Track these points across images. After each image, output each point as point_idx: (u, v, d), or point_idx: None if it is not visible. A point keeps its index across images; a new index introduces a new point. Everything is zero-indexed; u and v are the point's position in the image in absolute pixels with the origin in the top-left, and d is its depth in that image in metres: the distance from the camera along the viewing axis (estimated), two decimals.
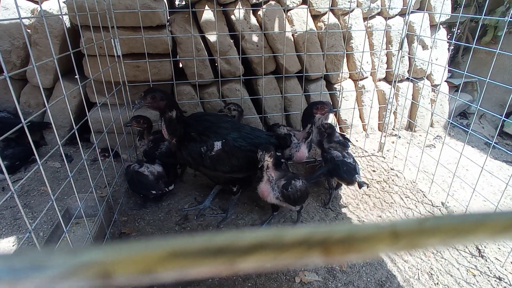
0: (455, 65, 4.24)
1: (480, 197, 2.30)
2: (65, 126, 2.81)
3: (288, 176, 1.90)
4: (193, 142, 1.88)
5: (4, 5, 2.49)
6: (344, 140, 2.51)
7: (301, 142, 2.24)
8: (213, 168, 1.92)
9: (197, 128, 1.92)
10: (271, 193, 1.86)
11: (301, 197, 1.89)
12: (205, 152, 1.86)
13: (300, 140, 2.24)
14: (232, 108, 2.52)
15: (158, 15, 2.42)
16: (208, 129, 1.91)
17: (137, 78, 2.61)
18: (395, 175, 2.60)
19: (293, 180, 1.84)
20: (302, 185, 1.87)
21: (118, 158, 2.24)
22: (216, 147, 1.87)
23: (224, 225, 2.03)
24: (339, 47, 2.89)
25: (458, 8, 4.03)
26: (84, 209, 1.64)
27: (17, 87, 2.77)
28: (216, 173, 1.98)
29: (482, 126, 3.69)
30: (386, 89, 3.16)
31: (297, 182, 1.85)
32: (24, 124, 1.07)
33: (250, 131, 2.06)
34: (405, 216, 2.14)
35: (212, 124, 1.96)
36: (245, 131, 2.02)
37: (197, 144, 1.87)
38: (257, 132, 2.12)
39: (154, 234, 1.94)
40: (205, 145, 1.86)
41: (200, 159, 1.88)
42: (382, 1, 2.92)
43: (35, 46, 2.53)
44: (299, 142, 2.24)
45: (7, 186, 2.32)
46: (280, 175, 1.89)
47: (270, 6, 2.64)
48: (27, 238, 1.81)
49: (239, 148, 1.92)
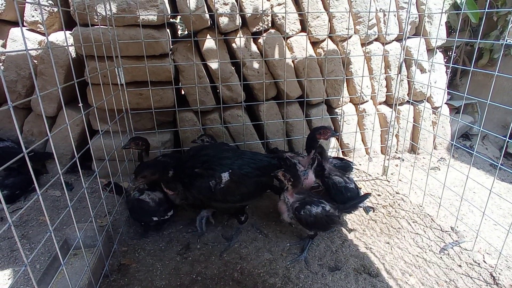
0: (454, 88, 4.29)
1: (490, 221, 2.24)
2: (67, 154, 2.81)
3: (307, 200, 1.91)
4: (200, 179, 1.84)
5: (12, 37, 2.56)
6: (346, 164, 2.50)
7: (307, 169, 2.22)
8: (224, 201, 1.88)
9: (199, 163, 1.89)
10: (286, 213, 1.94)
11: (316, 223, 1.86)
12: (215, 186, 1.82)
13: (306, 167, 2.22)
14: (205, 140, 2.50)
15: (161, 45, 2.48)
16: (211, 162, 1.89)
17: (140, 105, 2.64)
18: (401, 199, 2.55)
19: (308, 205, 1.87)
20: (320, 212, 1.86)
21: (119, 190, 2.22)
22: (225, 179, 1.83)
23: (227, 254, 1.96)
24: (338, 72, 2.94)
25: (452, 32, 4.14)
26: (83, 239, 1.60)
27: (21, 116, 2.79)
28: (227, 204, 1.95)
29: (486, 147, 3.66)
30: (387, 112, 3.18)
31: (313, 208, 1.86)
32: (25, 154, 1.06)
33: (252, 156, 2.04)
34: (414, 242, 2.07)
35: (213, 157, 1.93)
36: (247, 157, 2.00)
37: (204, 179, 1.83)
38: (259, 156, 2.10)
39: (155, 265, 1.87)
40: (213, 179, 1.83)
41: (211, 193, 1.83)
42: (379, 27, 3.00)
43: (40, 76, 2.58)
44: (306, 169, 2.21)
45: (5, 216, 2.28)
46: (300, 198, 1.93)
47: (270, 34, 2.71)
48: (23, 272, 1.75)
49: (246, 175, 1.90)
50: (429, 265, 1.88)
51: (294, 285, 1.74)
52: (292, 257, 1.93)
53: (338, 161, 2.52)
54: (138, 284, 1.73)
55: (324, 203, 1.92)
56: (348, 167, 2.49)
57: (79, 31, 1.89)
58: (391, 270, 1.84)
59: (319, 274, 1.82)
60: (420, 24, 3.15)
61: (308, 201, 1.91)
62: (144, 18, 2.39)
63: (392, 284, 1.74)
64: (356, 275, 1.81)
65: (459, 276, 1.81)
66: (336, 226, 2.08)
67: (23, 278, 1.76)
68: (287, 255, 1.96)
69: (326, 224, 1.90)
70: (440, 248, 2.02)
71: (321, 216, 1.86)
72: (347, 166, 2.49)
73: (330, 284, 1.75)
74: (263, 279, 1.78)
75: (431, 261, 1.91)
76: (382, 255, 1.96)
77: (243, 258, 1.92)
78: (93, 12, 2.33)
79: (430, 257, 1.94)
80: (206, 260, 1.91)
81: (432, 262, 1.90)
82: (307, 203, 1.89)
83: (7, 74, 2.59)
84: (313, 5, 2.72)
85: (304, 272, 1.83)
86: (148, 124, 2.81)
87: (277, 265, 1.88)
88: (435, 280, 1.77)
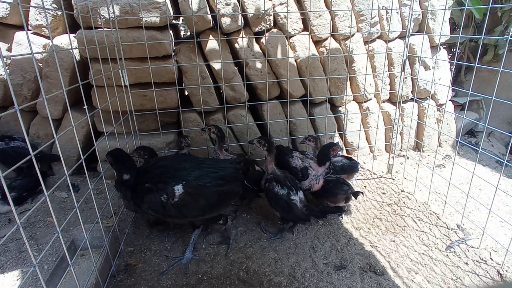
0: (459, 84, 4.25)
1: (496, 218, 2.22)
2: (73, 156, 2.84)
3: (279, 178, 2.04)
4: (150, 194, 1.66)
5: (17, 41, 2.59)
6: (353, 164, 2.51)
7: (321, 176, 2.22)
8: (181, 216, 1.73)
9: (151, 176, 1.72)
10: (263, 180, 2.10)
11: (276, 203, 2.01)
12: (167, 200, 1.64)
13: (320, 174, 2.22)
14: (212, 130, 2.41)
15: (164, 46, 2.50)
16: (164, 174, 1.72)
17: (144, 106, 2.66)
18: (406, 197, 2.54)
19: (274, 182, 2.02)
20: (282, 194, 2.00)
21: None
22: (178, 192, 1.66)
23: (232, 254, 1.96)
24: (341, 71, 2.93)
25: (456, 29, 4.11)
26: (90, 240, 1.61)
27: (27, 119, 2.83)
28: (186, 219, 1.81)
29: (492, 144, 3.63)
30: (391, 110, 3.16)
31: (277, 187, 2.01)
32: (32, 156, 1.07)
33: (213, 164, 1.88)
34: (419, 240, 2.06)
35: (167, 168, 1.76)
36: (207, 166, 1.84)
37: (154, 194, 1.65)
38: (221, 163, 1.93)
39: (161, 265, 1.88)
40: (164, 193, 1.65)
41: (163, 209, 1.66)
42: (382, 25, 2.98)
43: (46, 79, 2.61)
44: (319, 175, 2.21)
45: (13, 218, 2.31)
46: (277, 173, 2.07)
47: (272, 33, 2.72)
48: (31, 272, 1.77)
49: (204, 186, 1.72)
50: (435, 263, 1.87)
51: (300, 283, 1.74)
52: (295, 257, 1.93)
53: (347, 160, 2.53)
54: (144, 284, 1.74)
55: (296, 192, 1.99)
56: (355, 168, 2.51)
57: (83, 34, 1.92)
58: (397, 268, 1.84)
59: (325, 272, 1.82)
60: (423, 21, 3.13)
61: (279, 179, 2.01)
62: (147, 20, 2.41)
63: (398, 282, 1.74)
64: (362, 273, 1.81)
65: (465, 274, 1.80)
66: (301, 221, 2.10)
67: (32, 278, 1.79)
68: (292, 254, 1.96)
69: (287, 209, 1.99)
70: (446, 246, 2.00)
71: (282, 198, 1.96)
72: (354, 166, 2.51)
73: (336, 282, 1.75)
74: (269, 278, 1.78)
75: (437, 259, 1.90)
76: (387, 253, 1.95)
77: (248, 258, 1.93)
78: (96, 15, 2.35)
79: (436, 255, 1.94)
80: (212, 260, 1.92)
81: (438, 260, 1.90)
82: (277, 180, 2.02)
83: (13, 78, 2.62)
84: (315, 4, 2.72)
85: (309, 271, 1.83)
86: (152, 125, 2.83)
87: (283, 264, 1.88)
88: (441, 278, 1.77)
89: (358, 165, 2.54)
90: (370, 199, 2.53)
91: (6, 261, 1.93)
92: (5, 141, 2.63)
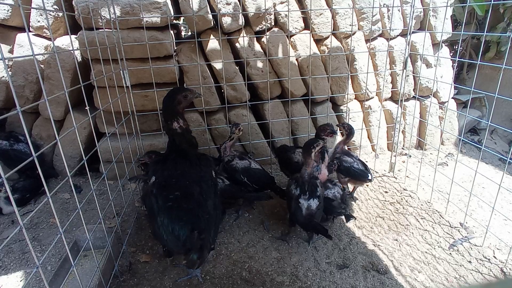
0: (461, 82, 4.23)
1: (500, 216, 2.21)
2: (75, 157, 2.84)
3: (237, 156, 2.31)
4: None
5: (19, 43, 2.60)
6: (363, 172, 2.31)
7: (319, 163, 2.13)
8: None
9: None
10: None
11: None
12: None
13: (318, 162, 2.12)
14: (240, 129, 2.33)
15: (165, 46, 2.50)
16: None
17: (146, 107, 2.66)
18: (409, 195, 2.53)
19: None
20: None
21: None
22: None
23: (234, 253, 1.96)
24: (343, 69, 2.92)
25: (458, 26, 4.08)
26: (92, 241, 1.62)
27: (30, 120, 2.84)
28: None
29: (494, 141, 3.61)
30: (393, 109, 3.15)
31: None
32: (34, 157, 1.08)
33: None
34: (422, 239, 2.05)
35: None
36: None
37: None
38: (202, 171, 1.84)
39: (163, 265, 1.88)
40: None
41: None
42: (383, 23, 2.97)
43: (47, 80, 2.61)
44: (318, 164, 2.12)
45: (16, 219, 2.32)
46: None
47: (273, 32, 2.71)
48: (35, 273, 1.78)
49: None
50: (438, 261, 1.87)
51: (302, 283, 1.74)
52: (298, 256, 1.93)
53: (360, 165, 2.33)
54: (147, 284, 1.75)
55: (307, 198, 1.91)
56: (360, 176, 2.30)
57: (84, 35, 1.91)
58: (400, 267, 1.83)
59: (327, 272, 1.81)
60: (425, 18, 3.11)
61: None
62: (148, 20, 2.41)
63: (401, 281, 1.73)
64: (364, 272, 1.80)
65: (469, 272, 1.79)
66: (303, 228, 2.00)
67: (35, 279, 1.79)
68: (295, 253, 1.96)
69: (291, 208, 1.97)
70: (449, 244, 2.00)
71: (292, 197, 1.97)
72: (360, 175, 2.29)
73: (339, 281, 1.75)
74: (271, 277, 1.78)
75: (440, 258, 1.89)
76: (390, 252, 1.95)
77: (251, 257, 1.93)
78: (97, 15, 2.35)
79: (439, 253, 1.93)
80: (215, 260, 1.92)
81: (441, 258, 1.89)
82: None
83: (15, 80, 2.63)
84: (315, 2, 2.71)
85: (312, 270, 1.83)
86: (153, 125, 2.83)
87: (285, 263, 1.88)
88: (444, 277, 1.76)
89: (367, 176, 2.27)
90: (372, 198, 2.52)
91: (9, 262, 1.94)
92: (10, 141, 2.63)
